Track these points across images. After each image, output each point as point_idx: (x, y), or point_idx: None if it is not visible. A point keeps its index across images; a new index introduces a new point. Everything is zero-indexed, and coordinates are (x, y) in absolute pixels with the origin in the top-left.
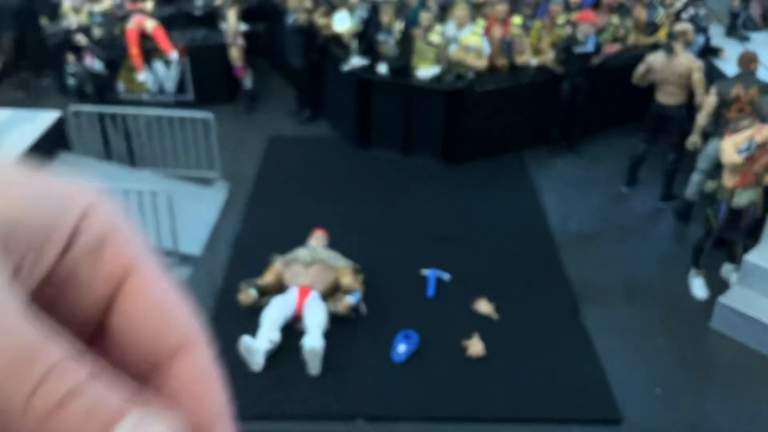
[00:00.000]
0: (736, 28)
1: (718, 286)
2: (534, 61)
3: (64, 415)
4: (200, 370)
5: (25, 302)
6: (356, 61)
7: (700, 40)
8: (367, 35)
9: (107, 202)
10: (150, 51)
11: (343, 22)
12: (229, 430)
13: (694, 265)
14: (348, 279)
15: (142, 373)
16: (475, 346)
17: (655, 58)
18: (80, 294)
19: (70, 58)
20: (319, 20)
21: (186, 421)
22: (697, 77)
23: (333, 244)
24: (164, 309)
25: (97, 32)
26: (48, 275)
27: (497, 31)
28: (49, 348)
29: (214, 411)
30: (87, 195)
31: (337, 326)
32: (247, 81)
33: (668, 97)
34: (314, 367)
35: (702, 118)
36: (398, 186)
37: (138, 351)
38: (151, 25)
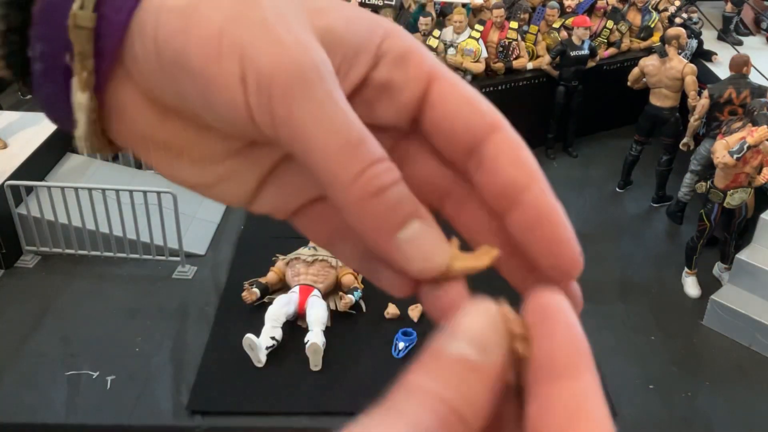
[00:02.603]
0: (729, 32)
1: (711, 285)
2: (530, 65)
3: (377, 201)
4: (513, 140)
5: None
6: None
7: (693, 43)
8: None
9: (401, 29)
10: None
11: None
12: (545, 188)
13: (688, 264)
14: (348, 277)
15: (460, 155)
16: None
17: (649, 62)
18: (393, 100)
19: None
20: None
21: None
22: (690, 80)
23: None
24: (474, 99)
25: None
26: (359, 85)
27: (494, 36)
28: (373, 143)
29: (531, 172)
30: (387, 22)
31: (338, 323)
32: None
33: (662, 99)
34: (316, 363)
35: (694, 120)
36: None
37: (455, 136)
38: None
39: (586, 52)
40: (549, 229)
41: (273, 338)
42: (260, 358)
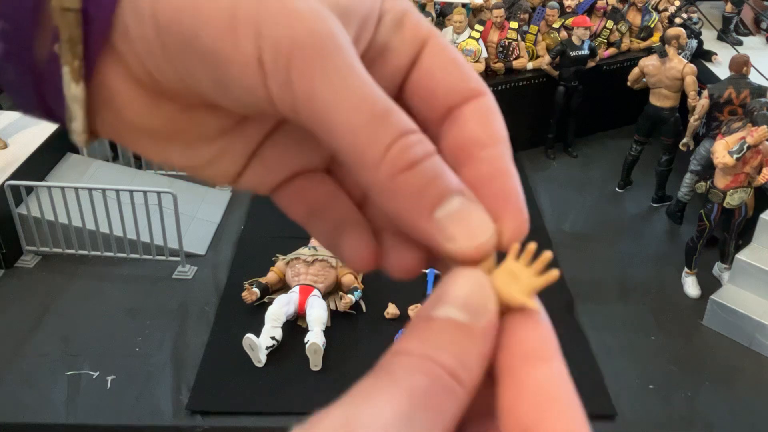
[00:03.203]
0: (729, 32)
1: (710, 285)
2: (530, 65)
3: (410, 176)
4: (490, 108)
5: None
6: None
7: (693, 43)
8: None
9: None
10: None
11: None
12: (505, 152)
13: (687, 264)
14: (348, 277)
15: (436, 119)
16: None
17: (649, 62)
18: (388, 62)
19: None
20: None
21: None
22: (690, 80)
23: None
24: (461, 63)
25: None
26: (366, 48)
27: (494, 36)
28: (400, 114)
29: (497, 135)
30: None
31: (338, 323)
32: None
33: (662, 99)
34: (316, 363)
35: (694, 121)
36: None
37: (435, 98)
38: None
39: (586, 52)
40: (499, 186)
41: (273, 338)
42: (260, 358)
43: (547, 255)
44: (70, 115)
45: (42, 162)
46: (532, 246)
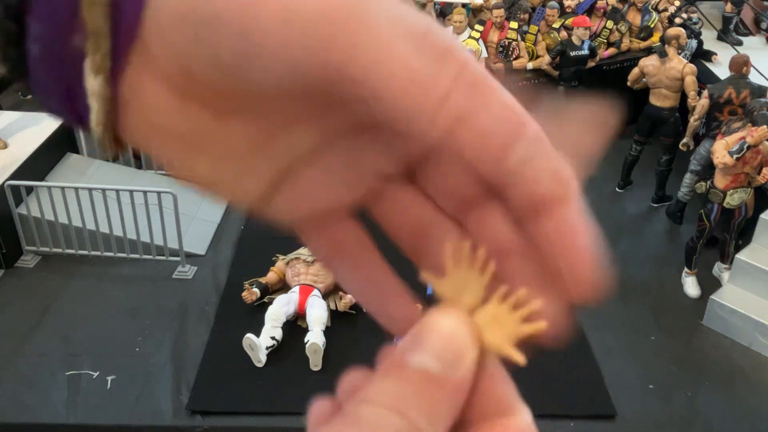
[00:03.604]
0: (729, 32)
1: (710, 285)
2: (530, 65)
3: (469, 129)
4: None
5: None
6: None
7: (693, 43)
8: None
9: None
10: None
11: None
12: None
13: (687, 264)
14: None
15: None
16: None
17: (649, 62)
18: None
19: None
20: None
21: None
22: (690, 80)
23: None
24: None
25: None
26: None
27: (494, 36)
28: (463, 53)
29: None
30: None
31: (338, 323)
32: None
33: (662, 99)
34: (316, 363)
35: (694, 121)
36: None
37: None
38: None
39: (585, 52)
40: (570, 245)
41: (273, 338)
42: (260, 358)
43: (536, 303)
44: (85, 111)
45: (42, 162)
46: (522, 291)
